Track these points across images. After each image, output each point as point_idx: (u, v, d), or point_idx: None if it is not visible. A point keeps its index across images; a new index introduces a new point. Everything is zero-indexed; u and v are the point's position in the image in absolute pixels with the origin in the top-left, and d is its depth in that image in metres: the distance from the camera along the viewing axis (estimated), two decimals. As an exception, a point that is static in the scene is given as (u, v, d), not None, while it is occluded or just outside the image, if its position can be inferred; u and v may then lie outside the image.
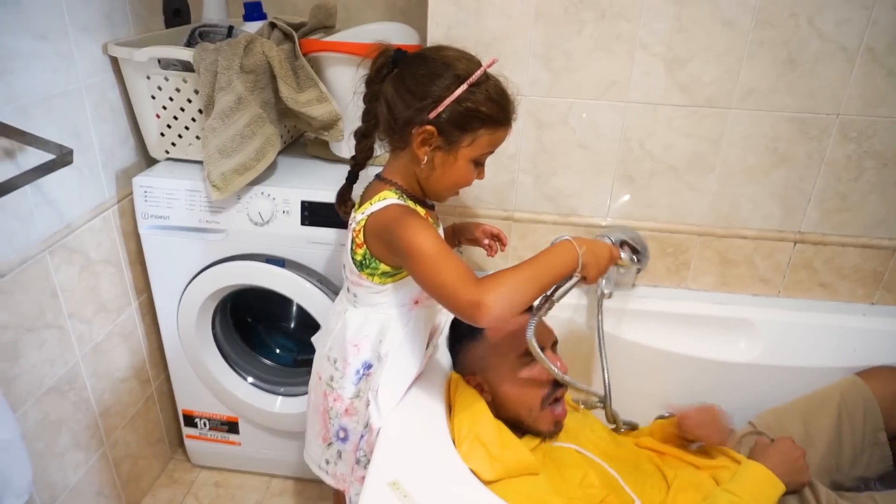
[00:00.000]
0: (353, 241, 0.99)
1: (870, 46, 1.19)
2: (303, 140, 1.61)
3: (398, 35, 1.41)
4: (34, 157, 1.07)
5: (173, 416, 1.70)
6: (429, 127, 0.91)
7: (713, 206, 1.36)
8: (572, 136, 1.33)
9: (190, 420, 1.62)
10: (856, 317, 1.40)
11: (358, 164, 1.08)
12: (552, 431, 1.08)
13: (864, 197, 1.32)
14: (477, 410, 1.03)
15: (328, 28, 1.51)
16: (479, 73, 0.91)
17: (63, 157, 1.03)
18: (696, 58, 1.23)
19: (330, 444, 1.15)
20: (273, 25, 1.35)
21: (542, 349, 1.02)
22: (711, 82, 1.25)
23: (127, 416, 1.50)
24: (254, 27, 1.41)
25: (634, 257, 1.34)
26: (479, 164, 0.98)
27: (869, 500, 1.07)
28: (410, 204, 0.99)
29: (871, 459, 1.20)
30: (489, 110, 0.91)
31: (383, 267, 0.98)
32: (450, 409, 1.08)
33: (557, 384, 1.05)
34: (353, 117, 1.16)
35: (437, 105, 0.90)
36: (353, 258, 1.00)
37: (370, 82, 0.99)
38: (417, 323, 1.05)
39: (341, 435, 1.12)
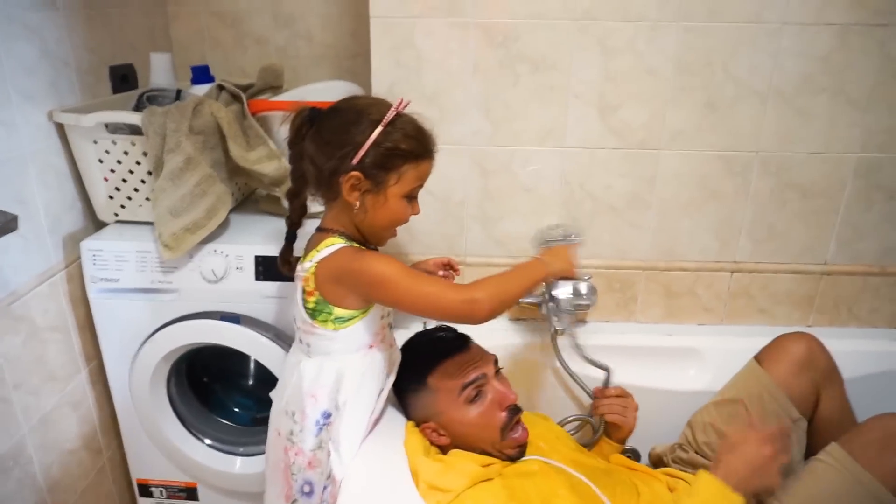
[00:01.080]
0: (303, 291, 1.01)
1: (779, 89, 1.30)
2: (254, 197, 1.63)
3: (345, 92, 1.43)
4: (-23, 226, 1.06)
5: (127, 486, 1.63)
6: (354, 173, 0.95)
7: (654, 242, 1.43)
8: (516, 182, 1.39)
9: (145, 490, 1.56)
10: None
11: (294, 223, 1.12)
12: (519, 454, 1.09)
13: (790, 226, 1.41)
14: (412, 452, 1.05)
15: (276, 88, 1.56)
16: (391, 113, 0.95)
17: (7, 224, 1.02)
18: (626, 104, 1.32)
19: (294, 502, 1.13)
20: (221, 87, 1.39)
21: (485, 376, 1.08)
22: (641, 126, 1.33)
23: (77, 489, 1.44)
24: (202, 90, 1.44)
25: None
26: (411, 198, 1.02)
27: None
28: (356, 246, 1.02)
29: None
30: (408, 146, 0.96)
31: (337, 311, 1.00)
32: None
33: (514, 410, 1.07)
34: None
35: (357, 151, 0.94)
36: (304, 307, 1.01)
37: (292, 143, 1.03)
38: (374, 366, 1.07)
39: (306, 489, 1.10)
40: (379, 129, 0.94)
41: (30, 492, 1.28)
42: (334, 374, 1.04)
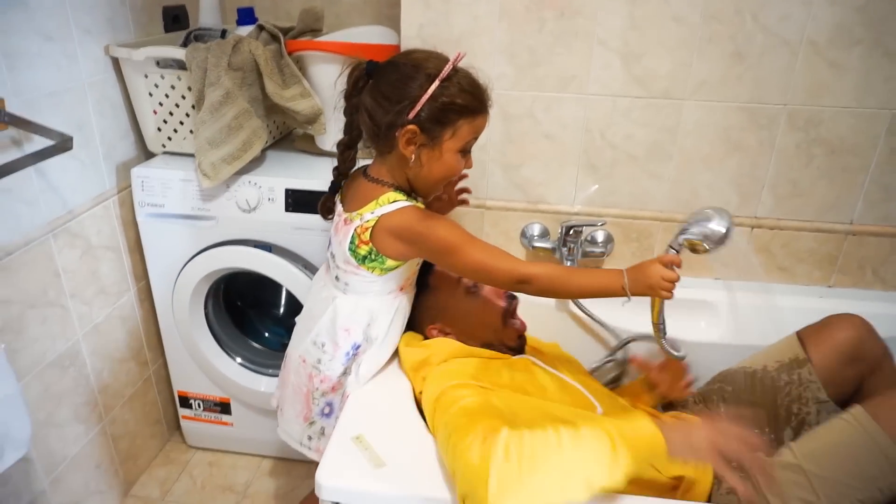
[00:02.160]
0: (354, 236, 1.05)
1: (811, 40, 1.27)
2: (291, 136, 1.72)
3: (379, 36, 1.52)
4: (39, 146, 1.18)
5: (170, 399, 1.79)
6: (410, 127, 0.97)
7: (673, 193, 1.44)
8: (538, 128, 1.42)
9: (185, 401, 1.71)
10: (813, 299, 1.46)
11: (341, 174, 1.14)
12: (520, 344, 1.18)
13: (815, 183, 1.39)
14: (401, 348, 1.17)
15: (315, 31, 1.62)
16: (447, 68, 0.97)
17: (63, 143, 1.14)
18: (650, 52, 1.32)
19: (312, 423, 1.21)
20: (261, 28, 1.46)
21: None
22: (665, 75, 1.33)
23: (125, 395, 1.60)
24: (245, 31, 1.52)
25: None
26: (465, 152, 1.04)
27: (787, 452, 1.05)
28: (420, 206, 1.06)
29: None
30: (464, 101, 0.98)
31: (389, 262, 1.06)
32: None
33: (511, 297, 1.17)
34: (334, 112, 1.25)
35: (413, 105, 0.96)
36: (354, 252, 1.06)
37: (348, 96, 1.06)
38: (402, 305, 1.15)
39: (326, 411, 1.19)
40: (436, 83, 0.96)
41: (83, 390, 1.44)
42: (368, 311, 1.12)
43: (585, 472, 0.79)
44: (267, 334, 1.73)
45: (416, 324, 1.23)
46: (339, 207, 1.13)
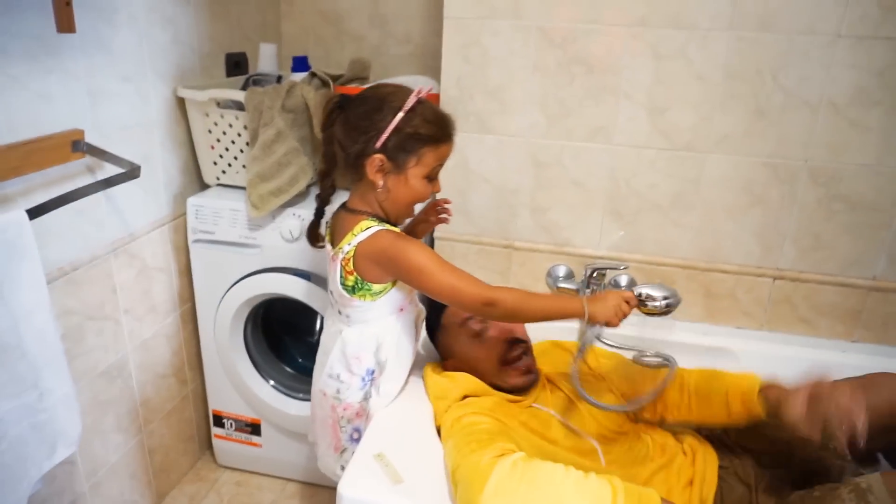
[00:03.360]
0: (341, 270, 1.11)
1: (831, 100, 1.33)
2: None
3: (422, 85, 1.63)
4: (110, 173, 1.31)
5: (204, 418, 1.87)
6: (378, 155, 1.06)
7: (696, 242, 1.49)
8: (566, 175, 1.50)
9: (219, 420, 1.79)
10: (835, 352, 1.47)
11: (323, 201, 1.22)
12: (526, 382, 1.22)
13: (837, 237, 1.42)
14: (426, 375, 1.24)
15: (362, 79, 1.75)
16: (411, 100, 1.05)
17: (132, 172, 1.26)
18: (674, 107, 1.39)
19: (343, 451, 1.27)
20: (313, 75, 1.60)
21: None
22: (689, 129, 1.40)
23: (164, 410, 1.69)
24: (299, 77, 1.66)
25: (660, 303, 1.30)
26: (431, 178, 1.11)
27: None
28: (390, 227, 1.12)
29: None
30: (427, 131, 1.06)
31: (375, 287, 1.12)
32: None
33: (513, 342, 1.22)
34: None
35: (380, 135, 1.04)
36: (343, 285, 1.13)
37: (324, 128, 1.14)
38: (405, 326, 1.21)
39: (355, 436, 1.24)
40: (400, 115, 1.04)
41: (127, 402, 1.54)
42: (374, 337, 1.18)
43: None
44: (300, 360, 1.81)
45: (439, 353, 1.29)
46: (328, 247, 1.19)
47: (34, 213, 1.04)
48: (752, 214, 1.44)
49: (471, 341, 1.22)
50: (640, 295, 1.18)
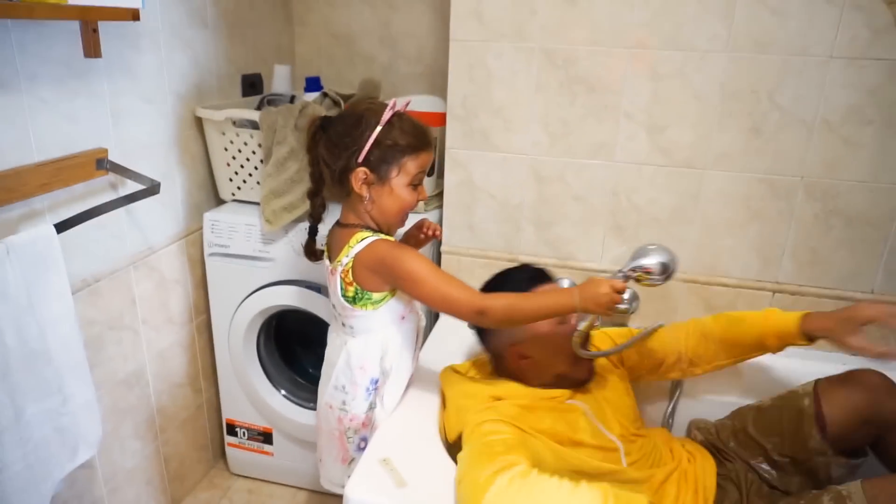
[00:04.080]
0: (341, 282, 1.16)
1: (825, 118, 1.37)
2: (346, 190, 1.89)
3: (428, 104, 1.70)
4: (131, 189, 1.38)
5: (218, 427, 1.92)
6: (360, 169, 1.11)
7: (696, 256, 1.52)
8: (568, 191, 1.54)
9: (232, 429, 1.84)
10: (835, 365, 1.48)
11: (315, 219, 1.27)
12: (591, 376, 1.26)
13: (835, 252, 1.45)
14: (456, 384, 1.25)
15: (373, 98, 1.82)
16: (387, 113, 1.10)
17: (152, 188, 1.33)
18: (673, 125, 1.44)
19: (351, 461, 1.30)
20: (325, 94, 1.66)
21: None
22: (687, 146, 1.45)
23: (179, 418, 1.74)
24: (312, 97, 1.73)
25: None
26: (415, 186, 1.16)
27: None
28: (385, 237, 1.16)
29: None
30: (405, 141, 1.11)
31: (375, 296, 1.17)
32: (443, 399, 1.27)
33: (586, 338, 1.21)
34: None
35: (361, 150, 1.10)
36: (344, 297, 1.17)
37: (309, 149, 1.18)
38: (407, 334, 1.25)
39: (361, 446, 1.28)
40: (378, 128, 1.09)
41: (144, 409, 1.59)
42: (378, 345, 1.22)
43: None
44: (311, 370, 1.86)
45: (496, 339, 1.27)
46: (326, 262, 1.23)
47: (61, 227, 1.10)
48: (750, 229, 1.48)
49: (553, 334, 1.20)
50: (636, 269, 1.12)
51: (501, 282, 1.26)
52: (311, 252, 1.31)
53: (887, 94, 1.32)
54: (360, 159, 1.11)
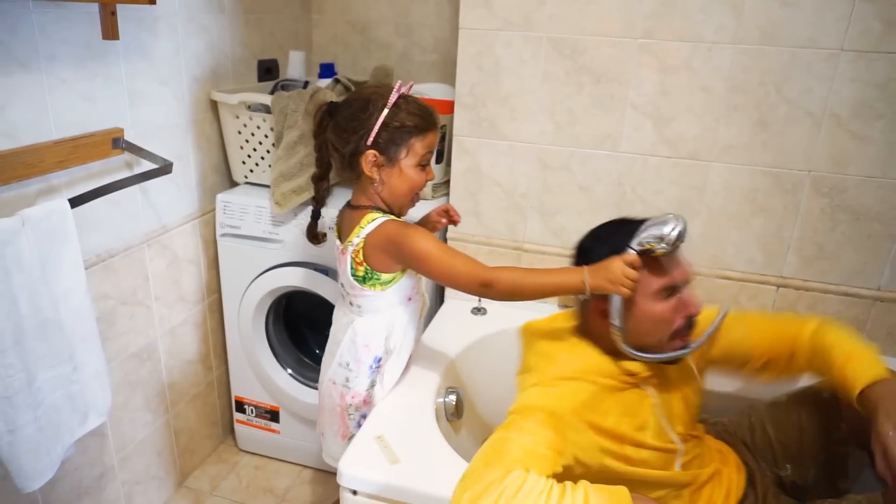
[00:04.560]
0: (352, 262, 1.18)
1: (833, 112, 1.35)
2: (357, 176, 1.92)
3: (439, 92, 1.71)
4: (145, 168, 1.42)
5: (227, 404, 1.98)
6: (370, 151, 1.13)
7: (700, 248, 1.52)
8: (573, 180, 1.55)
9: (240, 406, 1.89)
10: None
11: (319, 203, 1.30)
12: (676, 360, 1.08)
13: (841, 247, 1.44)
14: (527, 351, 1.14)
15: (378, 84, 1.84)
16: (393, 96, 1.12)
17: (165, 167, 1.37)
18: (679, 117, 1.44)
19: (351, 437, 1.31)
20: (337, 81, 1.69)
21: (683, 283, 1.06)
22: (693, 138, 1.44)
23: (190, 394, 1.79)
24: (325, 83, 1.76)
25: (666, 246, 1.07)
26: (423, 166, 1.18)
27: None
28: (394, 217, 1.18)
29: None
30: (413, 122, 1.13)
31: (384, 276, 1.19)
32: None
33: (690, 321, 1.06)
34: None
35: (369, 133, 1.12)
36: (354, 276, 1.20)
37: (316, 135, 1.21)
38: (412, 315, 1.29)
39: (361, 423, 1.30)
40: (385, 111, 1.12)
41: (156, 383, 1.65)
42: (384, 325, 1.25)
43: None
44: (318, 351, 1.90)
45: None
46: (336, 242, 1.26)
47: (75, 202, 1.15)
48: (755, 223, 1.47)
49: (654, 304, 1.04)
50: (644, 243, 1.02)
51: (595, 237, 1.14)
52: (314, 235, 1.35)
53: (898, 88, 1.31)
54: (369, 142, 1.13)
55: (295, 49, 1.90)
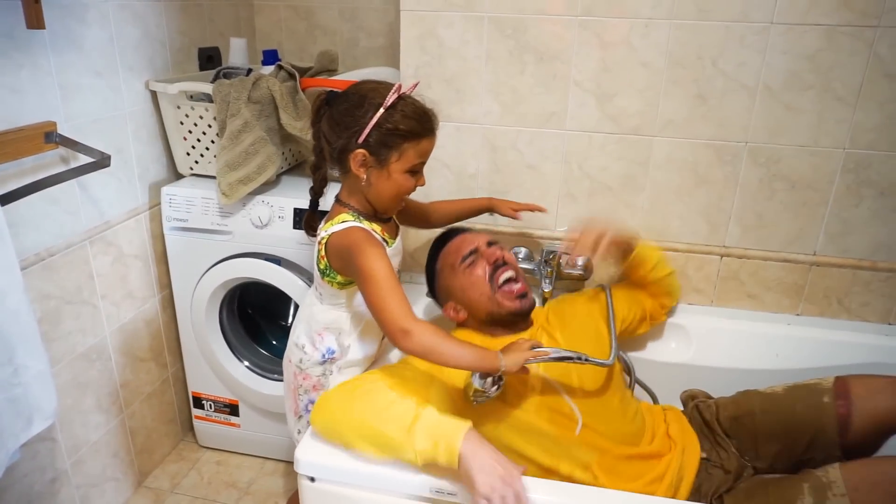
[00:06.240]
0: (319, 252, 1.18)
1: (767, 84, 1.39)
2: (305, 164, 1.90)
3: (385, 76, 1.69)
4: (83, 163, 1.37)
5: (185, 401, 1.94)
6: (360, 150, 1.09)
7: (647, 222, 1.56)
8: (521, 159, 1.56)
9: (198, 402, 1.86)
10: (780, 325, 1.55)
11: (316, 192, 1.27)
12: (522, 306, 1.28)
13: (779, 215, 1.49)
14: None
15: (331, 71, 1.82)
16: (391, 96, 1.07)
17: (102, 161, 1.33)
18: (621, 93, 1.46)
19: (300, 417, 1.34)
20: (280, 67, 1.66)
21: (476, 249, 1.33)
22: (636, 113, 1.47)
23: (144, 392, 1.76)
24: (269, 70, 1.72)
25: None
26: (414, 173, 1.14)
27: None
28: (366, 224, 1.16)
29: None
30: (407, 126, 1.08)
31: (339, 278, 1.18)
32: None
33: (499, 265, 1.30)
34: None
35: (361, 131, 1.07)
36: (317, 266, 1.19)
37: (313, 123, 1.18)
38: (370, 324, 1.25)
39: (309, 408, 1.31)
40: (380, 111, 1.06)
41: (107, 383, 1.61)
42: (337, 321, 1.24)
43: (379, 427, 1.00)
44: (274, 342, 1.89)
45: (437, 299, 1.42)
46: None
47: (6, 199, 1.11)
48: (697, 195, 1.51)
49: (463, 275, 1.29)
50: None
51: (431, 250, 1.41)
52: (310, 226, 1.29)
53: (825, 59, 1.35)
54: (360, 140, 1.09)
55: (237, 36, 1.85)
